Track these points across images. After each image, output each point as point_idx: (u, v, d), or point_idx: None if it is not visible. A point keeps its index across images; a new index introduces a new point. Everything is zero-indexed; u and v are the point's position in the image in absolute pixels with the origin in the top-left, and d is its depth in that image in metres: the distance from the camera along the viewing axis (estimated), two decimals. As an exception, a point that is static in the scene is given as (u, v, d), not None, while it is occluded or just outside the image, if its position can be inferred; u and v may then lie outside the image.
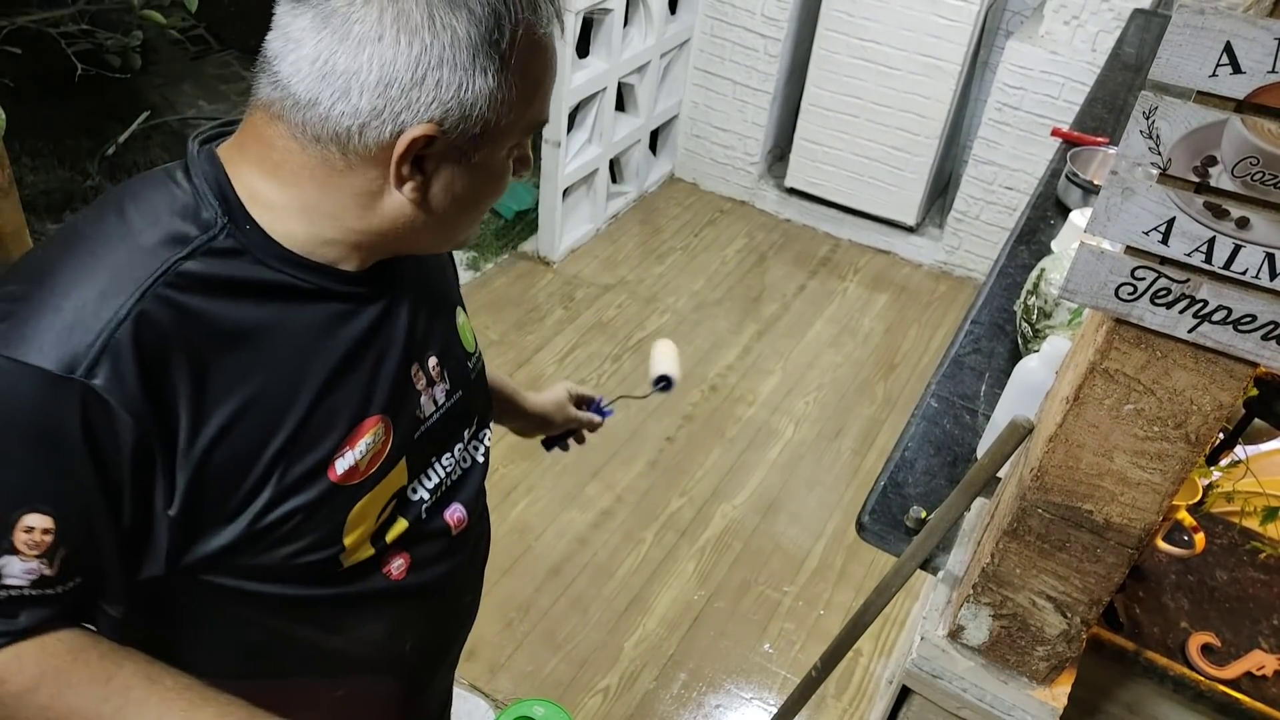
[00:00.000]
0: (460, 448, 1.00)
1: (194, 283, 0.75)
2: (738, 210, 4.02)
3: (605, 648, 2.29)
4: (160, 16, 2.61)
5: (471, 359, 1.02)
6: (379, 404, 0.86)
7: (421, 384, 0.92)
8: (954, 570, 1.28)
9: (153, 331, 0.72)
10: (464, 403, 0.98)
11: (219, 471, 0.77)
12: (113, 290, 0.72)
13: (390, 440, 0.88)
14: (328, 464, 0.83)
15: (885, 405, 3.12)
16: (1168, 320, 0.85)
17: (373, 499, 0.87)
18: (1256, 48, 0.72)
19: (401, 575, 0.94)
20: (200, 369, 0.75)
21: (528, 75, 0.76)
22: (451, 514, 0.99)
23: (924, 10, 3.32)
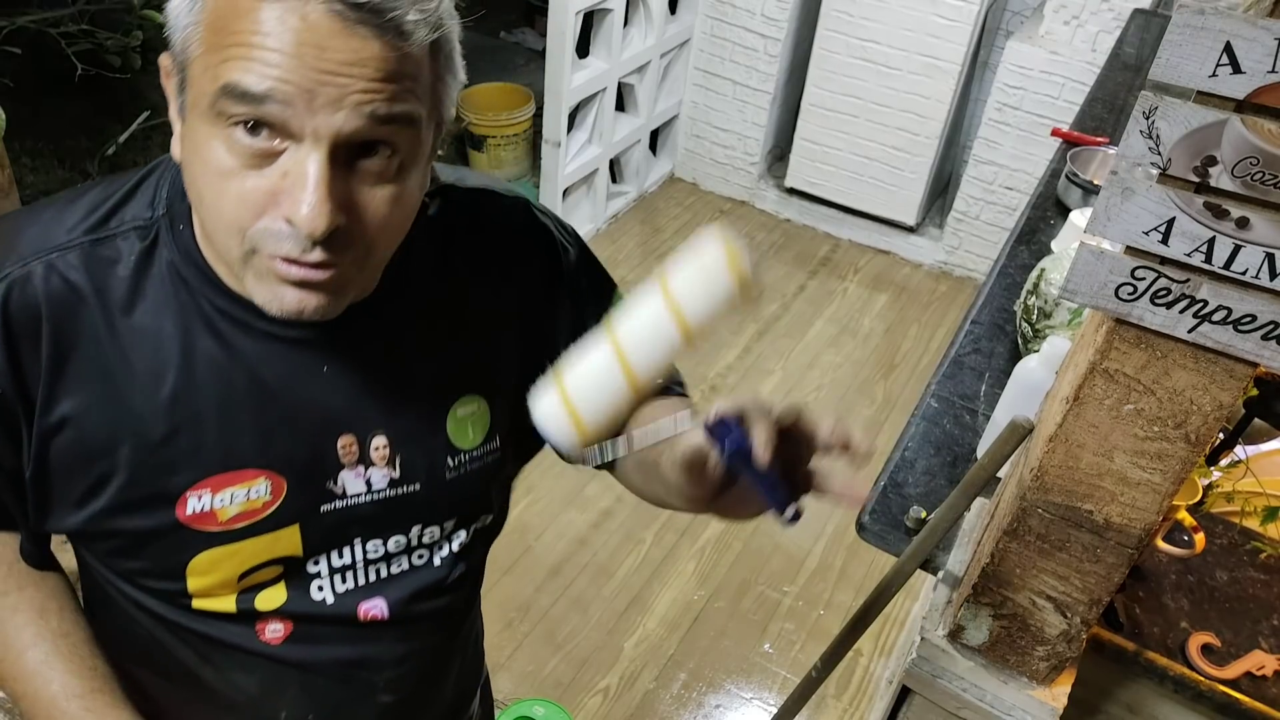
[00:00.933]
0: (403, 541, 0.87)
1: (94, 265, 0.73)
2: (738, 210, 4.02)
3: (605, 648, 2.29)
4: (160, 16, 2.62)
5: (460, 455, 0.87)
6: (269, 461, 0.78)
7: (350, 459, 0.81)
8: (954, 570, 1.28)
9: (25, 299, 0.72)
10: (422, 498, 0.86)
11: (62, 456, 0.76)
12: (12, 250, 0.73)
13: (279, 503, 0.79)
14: (176, 498, 0.77)
15: (885, 405, 3.12)
16: (1168, 320, 0.85)
17: (233, 554, 0.80)
18: (1256, 48, 0.72)
19: (277, 641, 0.86)
20: (64, 348, 0.73)
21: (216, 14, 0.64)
22: (366, 607, 0.88)
23: (924, 10, 3.32)
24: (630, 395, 0.71)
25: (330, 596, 0.86)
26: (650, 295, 0.70)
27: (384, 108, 0.64)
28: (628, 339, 0.70)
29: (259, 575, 0.83)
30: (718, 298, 0.69)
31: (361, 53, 0.62)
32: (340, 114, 0.63)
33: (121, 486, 0.76)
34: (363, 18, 0.62)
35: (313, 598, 0.85)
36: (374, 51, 0.63)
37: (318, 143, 0.63)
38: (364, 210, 0.68)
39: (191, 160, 0.67)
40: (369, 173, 0.67)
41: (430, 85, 0.68)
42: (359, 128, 0.64)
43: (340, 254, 0.67)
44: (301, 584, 0.85)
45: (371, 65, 0.63)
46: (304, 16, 0.61)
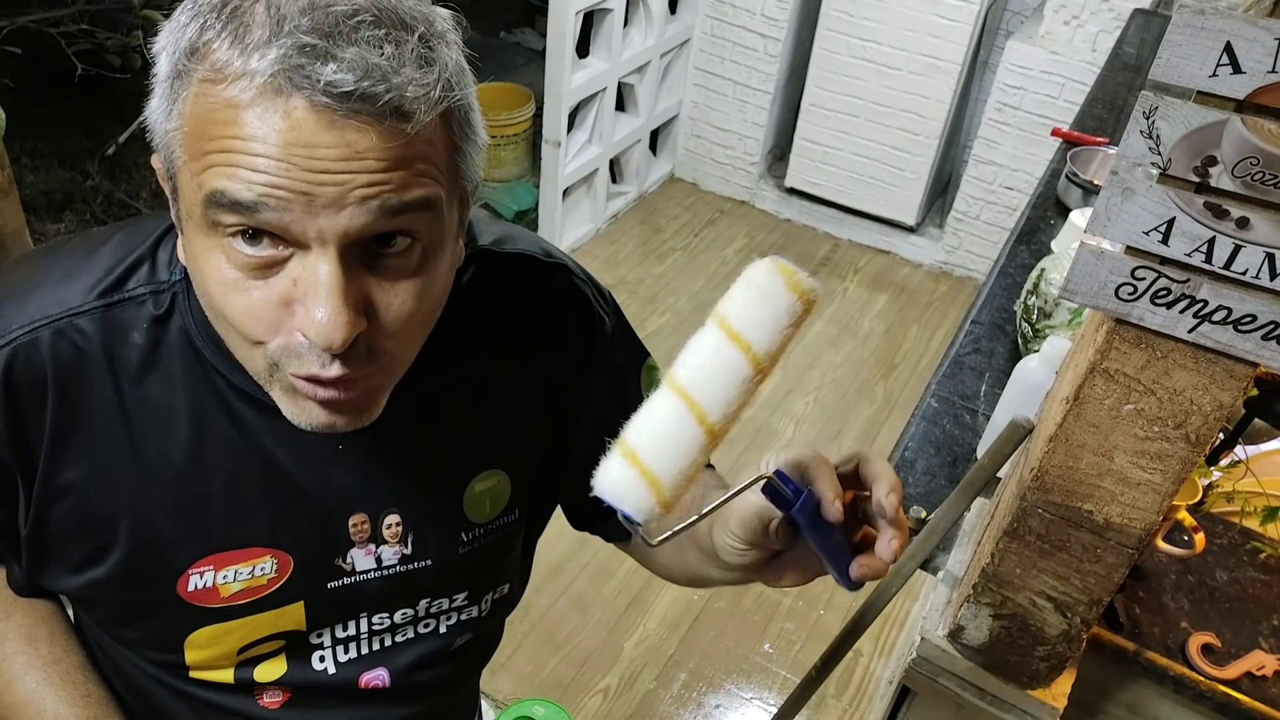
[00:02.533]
0: (410, 613, 0.85)
1: (106, 332, 0.70)
2: (738, 210, 4.02)
3: (605, 648, 2.29)
4: (160, 16, 2.61)
5: (474, 530, 0.84)
6: (276, 540, 0.76)
7: (361, 538, 0.79)
8: (954, 570, 1.28)
9: (31, 363, 0.69)
10: (433, 573, 0.83)
11: (62, 523, 0.73)
12: (21, 311, 0.70)
13: (284, 580, 0.77)
14: (178, 575, 0.74)
15: (885, 405, 3.12)
16: (1168, 320, 0.85)
17: (233, 630, 0.78)
18: (1256, 48, 0.72)
19: (275, 705, 0.84)
20: (70, 417, 0.70)
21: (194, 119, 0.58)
22: (368, 677, 0.86)
23: (924, 10, 3.32)
24: (707, 444, 0.62)
25: (332, 667, 0.84)
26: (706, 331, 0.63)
27: (394, 198, 0.58)
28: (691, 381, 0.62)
29: (259, 649, 0.81)
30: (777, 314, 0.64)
31: (358, 145, 0.55)
32: (345, 213, 0.57)
33: (121, 559, 0.74)
34: (351, 107, 0.55)
35: (314, 668, 0.83)
36: (372, 141, 0.56)
37: (324, 247, 0.57)
38: (386, 311, 0.62)
39: (194, 270, 0.63)
40: (388, 268, 0.61)
41: (447, 159, 0.62)
42: (368, 224, 0.58)
43: (365, 364, 0.62)
44: (302, 655, 0.83)
45: (371, 157, 0.56)
46: (287, 114, 0.54)
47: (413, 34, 0.58)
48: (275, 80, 0.54)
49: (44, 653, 0.83)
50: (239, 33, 0.55)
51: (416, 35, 0.58)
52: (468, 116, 0.63)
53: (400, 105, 0.56)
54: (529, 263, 0.84)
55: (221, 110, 0.56)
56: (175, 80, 0.58)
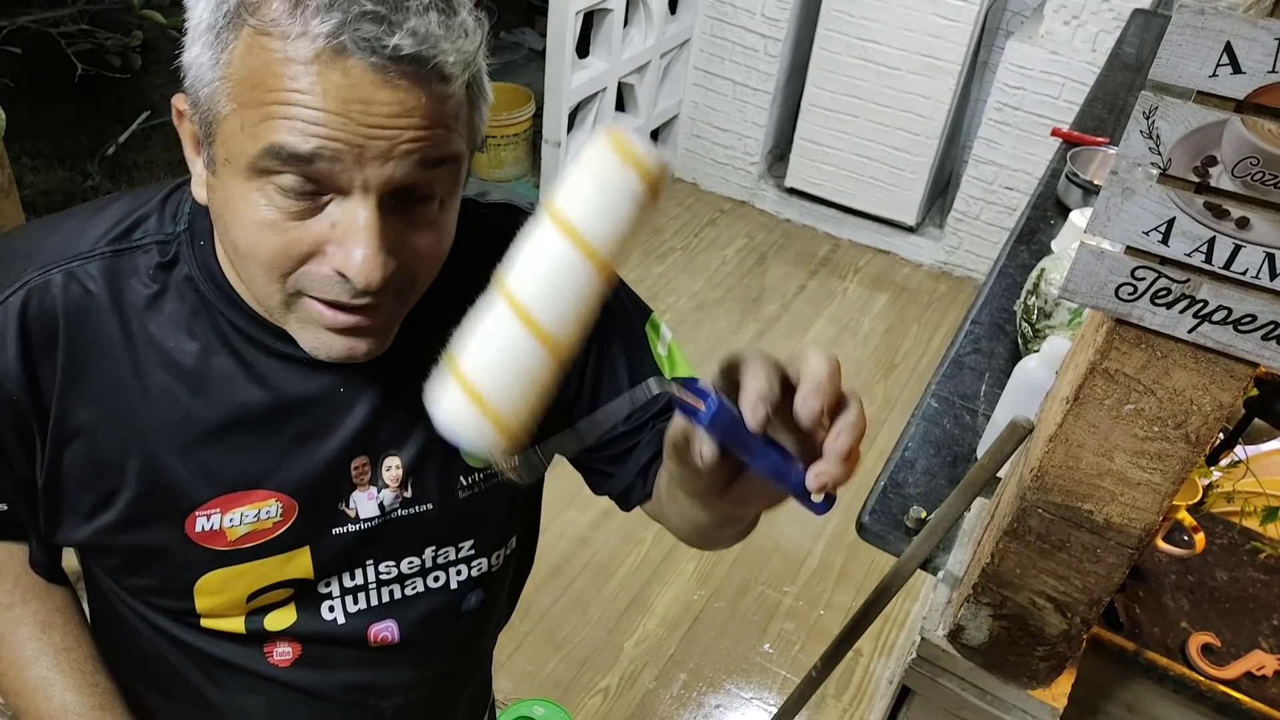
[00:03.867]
0: (417, 563, 0.86)
1: (113, 277, 0.73)
2: (738, 210, 4.02)
3: (605, 648, 2.29)
4: (160, 16, 2.61)
5: (474, 475, 0.86)
6: (280, 482, 0.77)
7: (362, 480, 0.81)
8: (954, 570, 1.28)
9: (44, 305, 0.72)
10: (435, 517, 0.85)
11: (74, 467, 0.75)
12: (34, 258, 0.73)
13: (290, 524, 0.79)
14: (185, 516, 0.76)
15: (885, 405, 3.12)
16: (1168, 320, 0.85)
17: (242, 574, 0.79)
18: (1256, 48, 0.72)
19: (285, 663, 0.85)
20: (80, 359, 0.73)
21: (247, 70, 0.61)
22: (377, 629, 0.87)
23: (924, 10, 3.32)
24: (548, 360, 0.55)
25: (341, 617, 0.85)
26: (536, 226, 0.56)
27: (432, 152, 0.64)
28: (522, 287, 0.54)
29: (269, 596, 0.82)
30: (617, 200, 0.55)
31: (407, 103, 0.61)
32: (390, 165, 0.62)
33: (130, 501, 0.76)
34: (405, 69, 0.60)
35: (323, 618, 0.85)
36: (419, 100, 0.62)
37: (367, 194, 0.63)
38: (411, 252, 0.67)
39: (224, 211, 0.66)
40: (414, 215, 0.67)
41: (468, 119, 0.68)
42: (407, 175, 0.63)
43: (388, 295, 0.68)
44: (312, 605, 0.84)
45: (418, 114, 0.62)
46: (345, 72, 0.59)
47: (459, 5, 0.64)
48: (338, 41, 0.59)
49: (56, 640, 0.85)
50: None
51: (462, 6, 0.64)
52: (481, 79, 0.69)
53: (444, 70, 0.62)
54: (513, 211, 0.88)
55: (280, 64, 0.60)
56: (223, 30, 0.62)
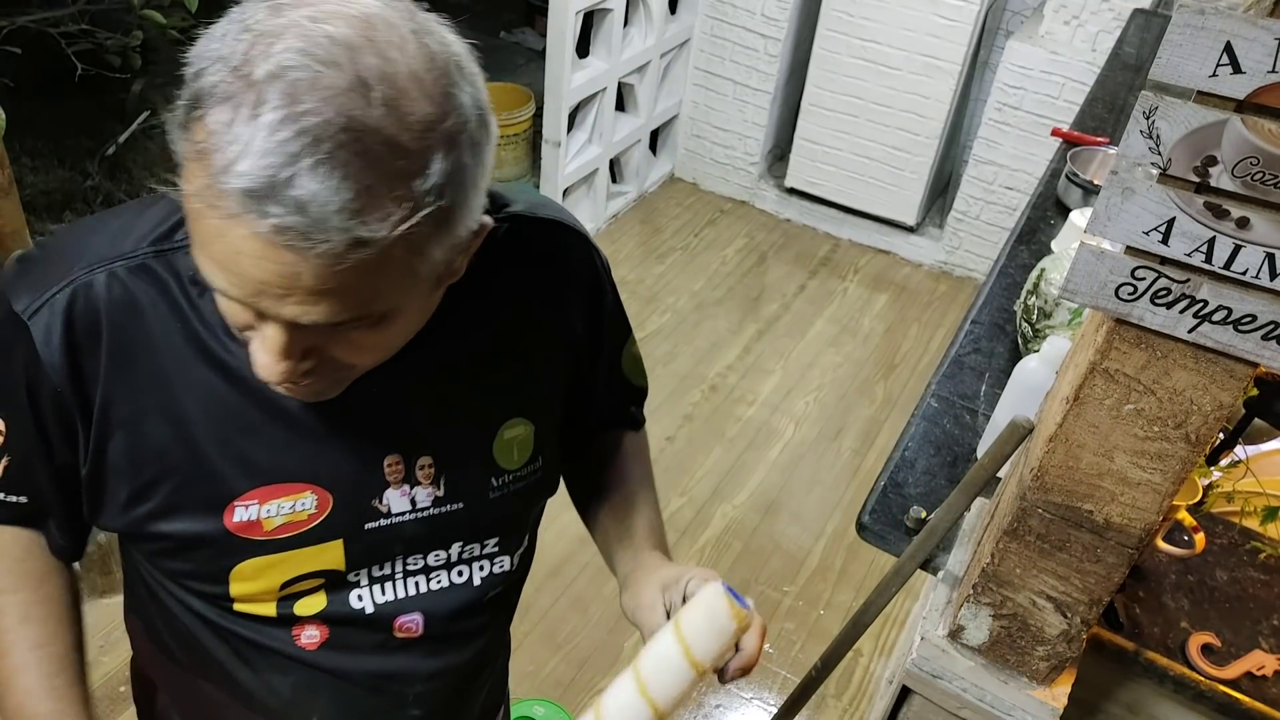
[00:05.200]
0: (444, 556, 0.89)
1: (155, 277, 0.75)
2: (738, 210, 4.02)
3: (605, 648, 2.29)
4: (160, 16, 2.61)
5: (504, 476, 0.89)
6: (315, 476, 0.80)
7: (396, 478, 0.83)
8: (954, 570, 1.28)
9: (88, 304, 0.74)
10: (464, 517, 0.87)
11: (116, 458, 0.78)
12: (80, 257, 0.75)
13: (324, 517, 0.81)
14: (224, 506, 0.79)
15: (885, 405, 3.12)
16: (1168, 320, 0.85)
17: (276, 563, 0.81)
18: (1256, 48, 0.72)
19: (313, 646, 0.87)
20: (122, 357, 0.75)
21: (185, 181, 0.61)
22: (403, 620, 0.89)
23: (924, 10, 3.32)
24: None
25: (370, 606, 0.87)
26: (665, 637, 0.82)
27: (327, 310, 0.61)
28: (649, 675, 0.81)
29: (300, 585, 0.84)
30: (720, 639, 0.81)
31: (296, 267, 0.58)
32: (285, 310, 0.61)
33: (172, 491, 0.78)
34: (289, 242, 0.57)
35: (352, 606, 0.87)
36: (309, 269, 0.58)
37: (277, 321, 0.63)
38: (337, 354, 0.68)
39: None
40: (340, 330, 0.65)
41: (403, 270, 0.63)
42: (305, 322, 0.62)
43: (315, 378, 0.69)
44: (341, 593, 0.86)
45: (306, 281, 0.59)
46: (238, 237, 0.58)
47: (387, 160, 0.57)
48: (236, 202, 0.57)
49: (32, 635, 0.86)
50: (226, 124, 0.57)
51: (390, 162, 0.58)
52: (446, 219, 0.63)
53: (334, 253, 0.58)
54: (559, 229, 0.91)
55: (194, 199, 0.60)
56: (187, 113, 0.60)
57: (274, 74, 0.56)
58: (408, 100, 0.58)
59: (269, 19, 0.59)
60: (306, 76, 0.56)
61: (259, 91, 0.56)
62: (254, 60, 0.57)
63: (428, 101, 0.59)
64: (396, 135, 0.58)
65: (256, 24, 0.59)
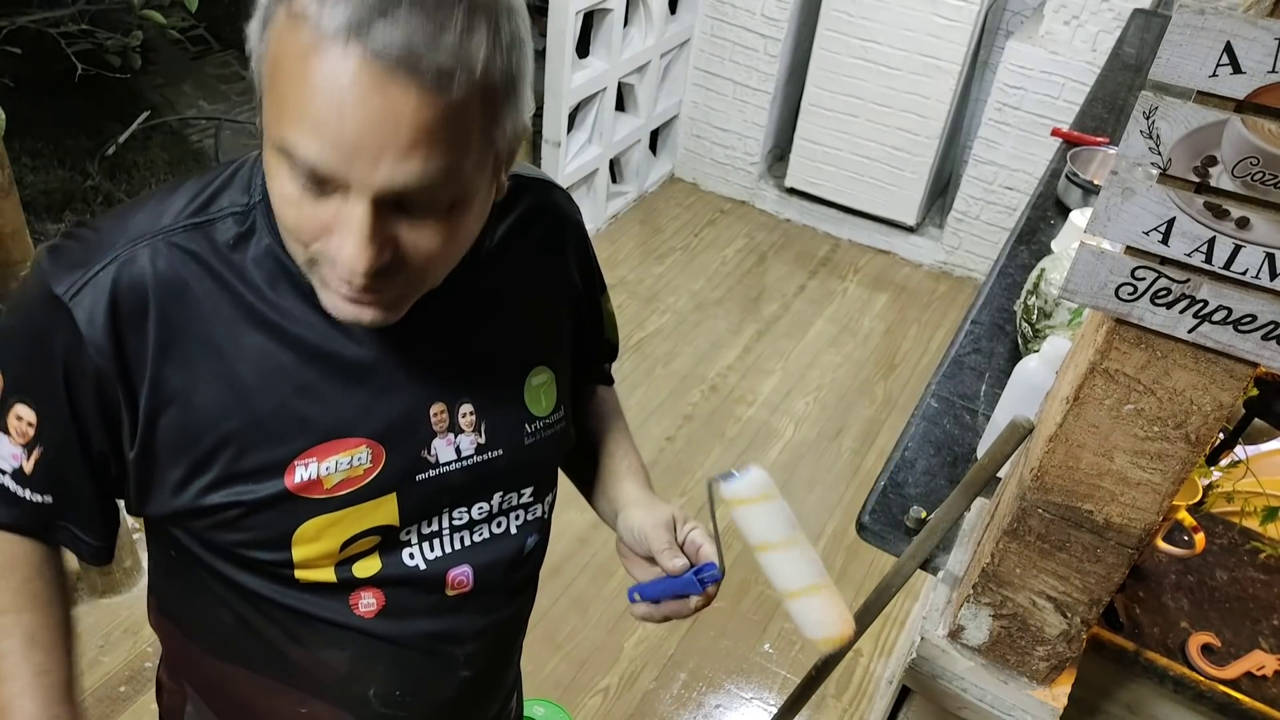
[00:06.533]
0: (486, 508, 0.91)
1: (197, 247, 0.76)
2: (738, 210, 4.02)
3: (605, 648, 2.29)
4: (160, 16, 2.61)
5: (536, 423, 0.92)
6: (370, 429, 0.82)
7: (441, 427, 0.85)
8: (954, 570, 1.28)
9: (133, 279, 0.74)
10: (504, 464, 0.90)
11: (170, 433, 0.78)
12: (121, 235, 0.76)
13: (379, 471, 0.83)
14: (285, 466, 0.79)
15: (885, 405, 3.12)
16: (1168, 320, 0.85)
17: (336, 521, 0.82)
18: (1256, 48, 0.72)
19: (370, 614, 0.88)
20: (170, 329, 0.76)
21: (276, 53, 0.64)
22: (455, 574, 0.91)
23: (924, 10, 3.32)
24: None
25: (422, 563, 0.89)
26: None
27: (420, 166, 0.64)
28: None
29: (358, 545, 0.85)
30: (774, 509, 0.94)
31: (398, 106, 0.61)
32: (380, 173, 0.63)
33: (232, 458, 0.79)
34: (395, 68, 0.60)
35: (405, 564, 0.88)
36: (411, 106, 0.61)
37: (361, 194, 0.64)
38: (412, 248, 0.69)
39: (267, 176, 0.70)
40: (417, 212, 0.68)
41: (482, 130, 0.67)
42: (399, 183, 0.64)
43: (389, 282, 0.70)
44: (394, 552, 0.87)
45: (406, 123, 0.62)
46: (343, 74, 0.60)
47: (478, 7, 0.62)
48: (339, 38, 0.60)
49: (37, 660, 0.85)
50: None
51: (480, 7, 0.62)
52: (512, 89, 0.67)
53: (439, 73, 0.61)
54: (547, 186, 0.95)
55: (294, 58, 0.62)
56: (270, 4, 0.64)
57: None
58: None
59: None
60: None
61: None
62: None
63: None
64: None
65: None
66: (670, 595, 0.95)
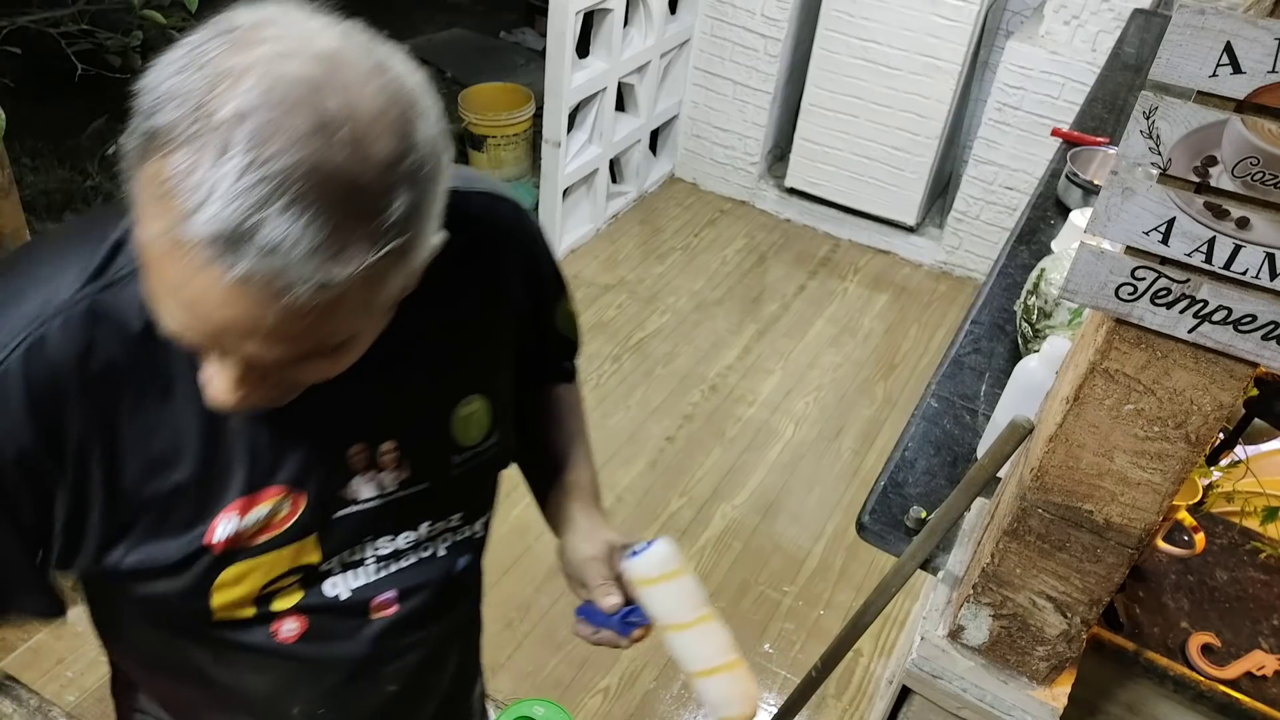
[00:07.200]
0: (413, 536, 0.90)
1: (105, 316, 0.72)
2: (738, 210, 4.02)
3: (605, 648, 2.29)
4: (160, 16, 2.61)
5: (464, 453, 0.90)
6: (286, 476, 0.80)
7: (361, 466, 0.83)
8: (954, 570, 1.28)
9: (44, 362, 0.71)
10: (430, 495, 0.89)
11: (93, 502, 0.76)
12: (21, 314, 0.72)
13: (297, 516, 0.81)
14: (206, 526, 0.78)
15: (885, 405, 3.12)
16: (1168, 320, 0.85)
17: (256, 567, 0.82)
18: (1256, 48, 0.72)
19: (292, 639, 0.87)
20: (90, 403, 0.73)
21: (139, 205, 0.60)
22: (379, 599, 0.90)
23: (924, 10, 3.32)
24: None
25: (345, 592, 0.88)
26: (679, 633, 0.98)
27: (289, 349, 0.62)
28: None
29: (280, 584, 0.84)
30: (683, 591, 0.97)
31: (260, 318, 0.58)
32: (246, 349, 0.61)
33: (153, 522, 0.77)
34: (261, 290, 0.57)
35: (326, 595, 0.87)
36: (275, 316, 0.58)
37: (230, 356, 0.63)
38: (293, 379, 0.67)
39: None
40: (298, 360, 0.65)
41: (365, 303, 0.63)
42: (267, 360, 0.62)
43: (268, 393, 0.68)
44: (316, 584, 0.86)
45: (270, 326, 0.59)
46: (207, 283, 0.57)
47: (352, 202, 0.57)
48: (202, 250, 0.56)
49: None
50: (190, 169, 0.55)
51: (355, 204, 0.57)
52: (404, 253, 0.63)
53: (313, 293, 0.58)
54: (490, 200, 0.91)
55: (157, 242, 0.58)
56: (143, 150, 0.58)
57: (238, 116, 0.55)
58: (370, 140, 0.58)
59: (229, 56, 0.57)
60: (271, 119, 0.55)
61: (223, 135, 0.55)
62: (216, 101, 0.55)
63: (390, 140, 0.59)
64: (360, 176, 0.57)
65: (215, 60, 0.57)
66: (608, 626, 0.98)
